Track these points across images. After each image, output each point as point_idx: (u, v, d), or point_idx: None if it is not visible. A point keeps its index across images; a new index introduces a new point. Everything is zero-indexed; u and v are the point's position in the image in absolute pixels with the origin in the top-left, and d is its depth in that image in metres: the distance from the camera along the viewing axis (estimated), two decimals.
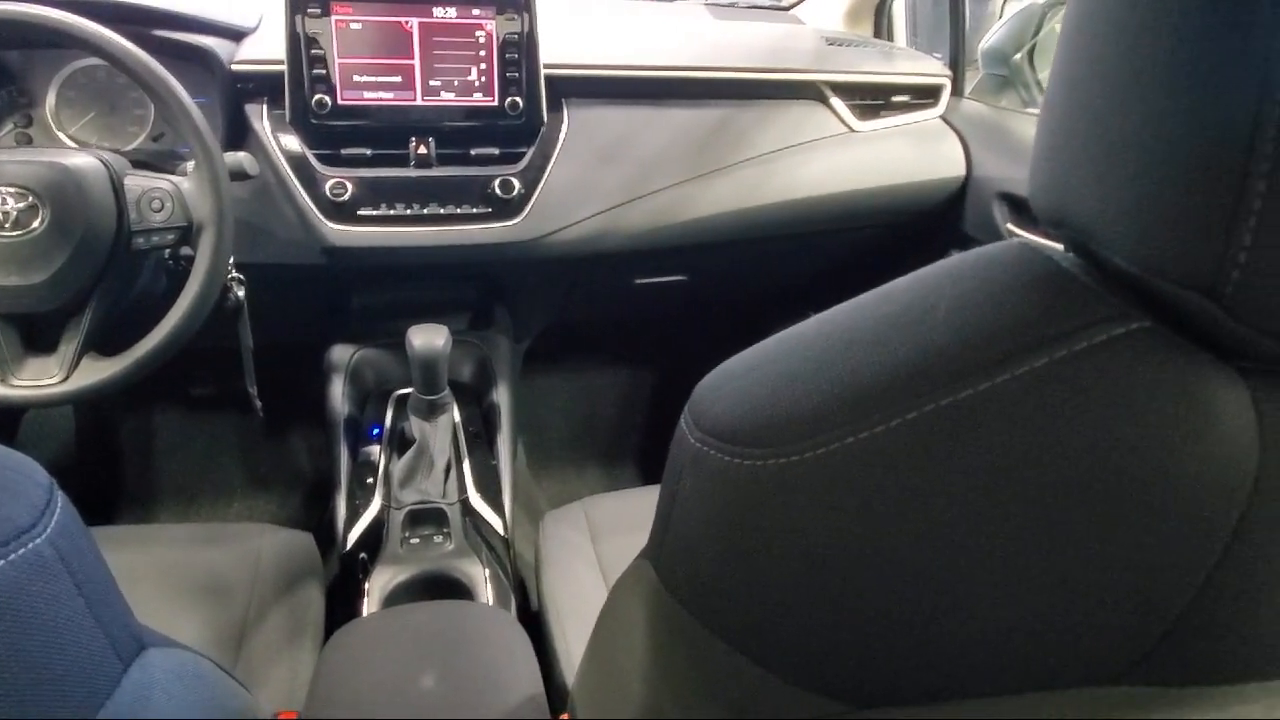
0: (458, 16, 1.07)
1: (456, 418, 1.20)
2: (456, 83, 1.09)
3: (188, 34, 1.07)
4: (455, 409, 1.18)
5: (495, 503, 1.19)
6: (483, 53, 1.09)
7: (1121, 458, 0.29)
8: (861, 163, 1.32)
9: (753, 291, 1.66)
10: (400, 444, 1.19)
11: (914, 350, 0.32)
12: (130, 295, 0.96)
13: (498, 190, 1.12)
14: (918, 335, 0.32)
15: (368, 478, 1.18)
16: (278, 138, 1.08)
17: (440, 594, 1.05)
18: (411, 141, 1.10)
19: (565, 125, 1.17)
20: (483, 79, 1.09)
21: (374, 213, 1.10)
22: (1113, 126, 0.29)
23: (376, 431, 1.24)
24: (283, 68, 1.05)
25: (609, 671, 0.47)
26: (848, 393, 0.33)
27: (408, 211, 1.10)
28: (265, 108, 1.09)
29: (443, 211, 1.11)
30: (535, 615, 1.00)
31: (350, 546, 1.12)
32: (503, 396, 1.34)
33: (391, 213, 1.10)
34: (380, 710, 0.67)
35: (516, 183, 1.12)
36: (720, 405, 0.37)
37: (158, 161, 1.04)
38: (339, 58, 1.05)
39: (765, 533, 0.34)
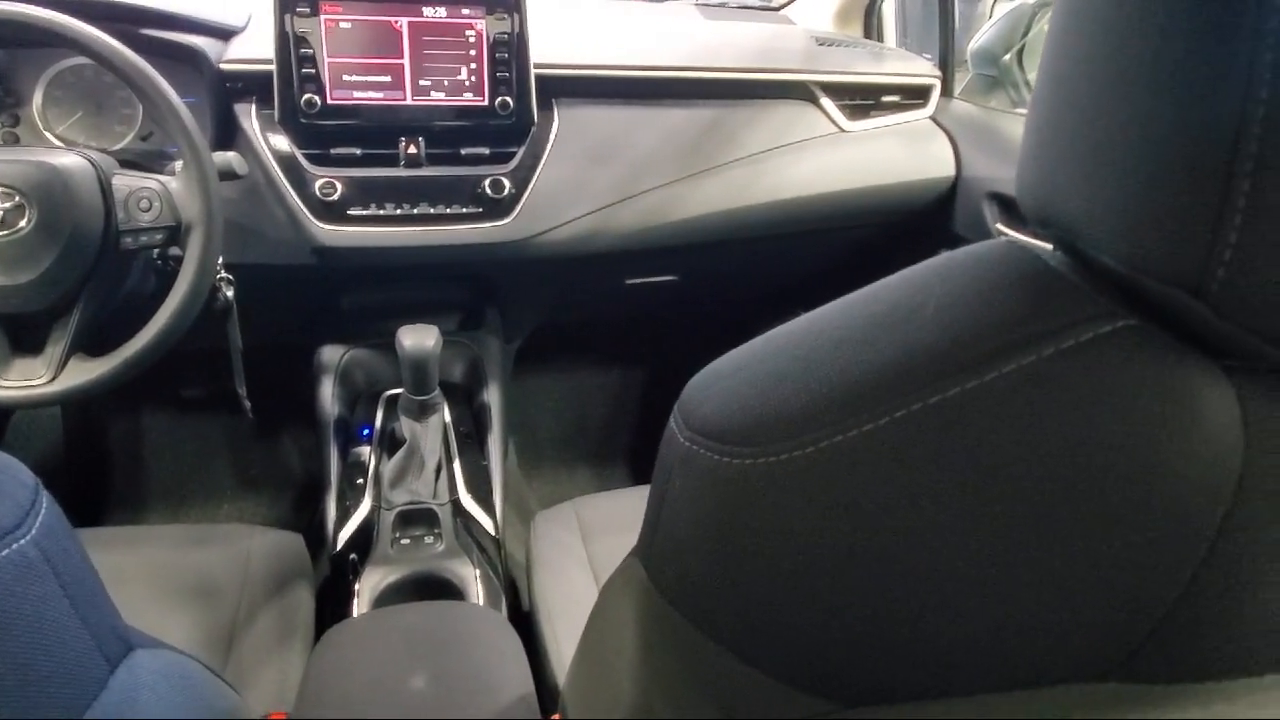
0: (447, 16, 1.07)
1: (447, 418, 1.20)
2: (446, 82, 1.09)
3: (176, 33, 1.06)
4: (446, 409, 1.17)
5: (486, 503, 1.19)
6: (473, 52, 1.09)
7: (1108, 455, 0.29)
8: (851, 163, 1.32)
9: (743, 291, 1.66)
10: (390, 444, 1.18)
11: (902, 349, 0.32)
12: (118, 295, 0.95)
13: (488, 190, 1.12)
14: (906, 334, 0.32)
15: (358, 478, 1.18)
16: (267, 137, 1.08)
17: (431, 595, 1.04)
18: (401, 141, 1.10)
19: (556, 125, 1.17)
20: (473, 78, 1.09)
21: (364, 213, 1.09)
22: (1099, 126, 0.29)
23: (367, 432, 1.24)
24: (272, 67, 1.04)
25: (599, 671, 0.47)
26: (836, 392, 0.33)
27: (398, 211, 1.10)
28: (254, 107, 1.09)
29: (433, 211, 1.11)
30: (526, 616, 1.00)
31: (340, 547, 1.11)
32: (493, 397, 1.34)
33: (381, 213, 1.10)
34: (370, 711, 0.67)
35: (507, 182, 1.12)
36: (709, 404, 0.37)
37: (146, 161, 1.04)
38: (328, 57, 1.05)
39: (754, 532, 0.34)
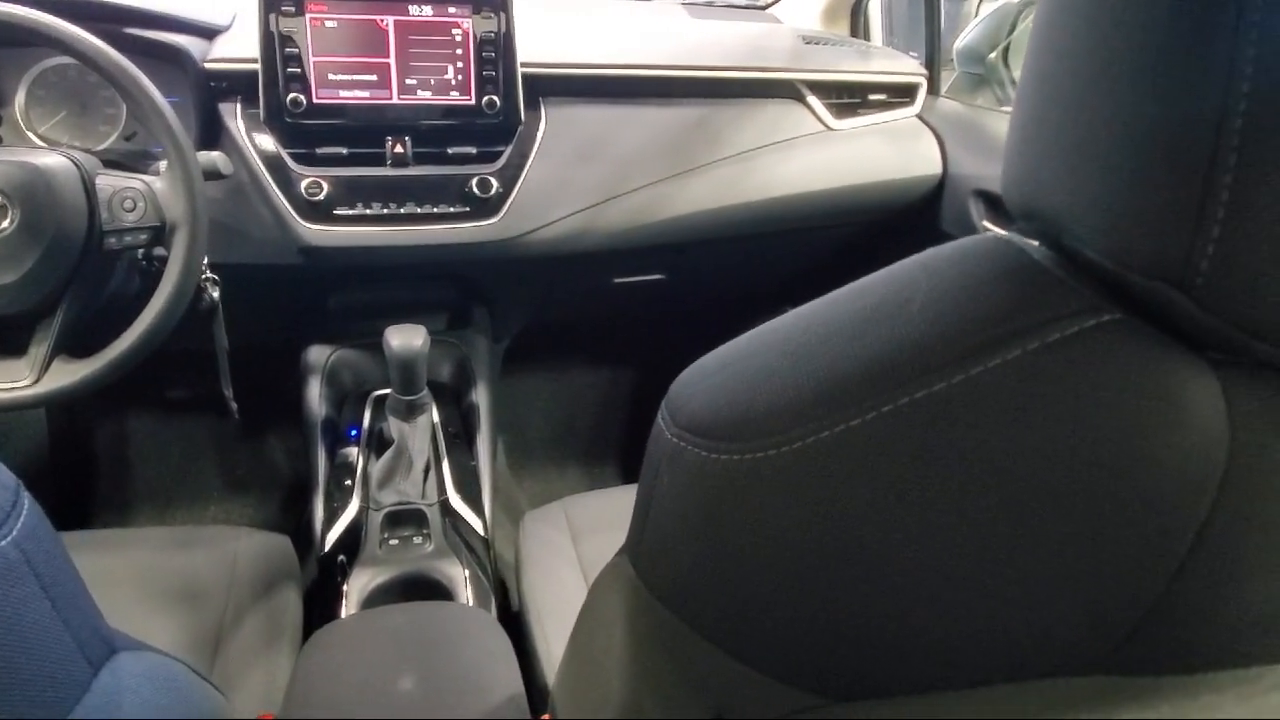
0: (434, 15, 1.07)
1: (435, 418, 1.19)
2: (433, 81, 1.08)
3: (160, 32, 1.05)
4: (434, 409, 1.17)
5: (475, 503, 1.18)
6: (459, 51, 1.08)
7: (1093, 448, 0.29)
8: (839, 161, 1.32)
9: (731, 290, 1.66)
10: (378, 445, 1.18)
11: (889, 344, 0.32)
12: (102, 296, 0.94)
13: (475, 189, 1.11)
14: (893, 329, 0.32)
15: (346, 479, 1.18)
16: (252, 137, 1.07)
17: (420, 595, 1.04)
18: (388, 140, 1.09)
19: (543, 124, 1.17)
20: (459, 78, 1.09)
21: (350, 212, 1.09)
22: (1083, 121, 0.29)
23: (354, 433, 1.24)
24: (257, 66, 1.04)
25: (589, 670, 0.47)
26: (823, 387, 0.33)
27: (384, 211, 1.10)
28: (239, 106, 1.08)
29: (420, 211, 1.11)
30: (516, 616, 0.99)
31: (328, 549, 1.11)
32: (482, 396, 1.34)
33: (368, 212, 1.09)
34: (358, 712, 0.66)
35: (494, 182, 1.12)
36: (697, 400, 0.37)
37: (130, 161, 1.03)
38: (314, 56, 1.04)
39: (742, 527, 0.34)
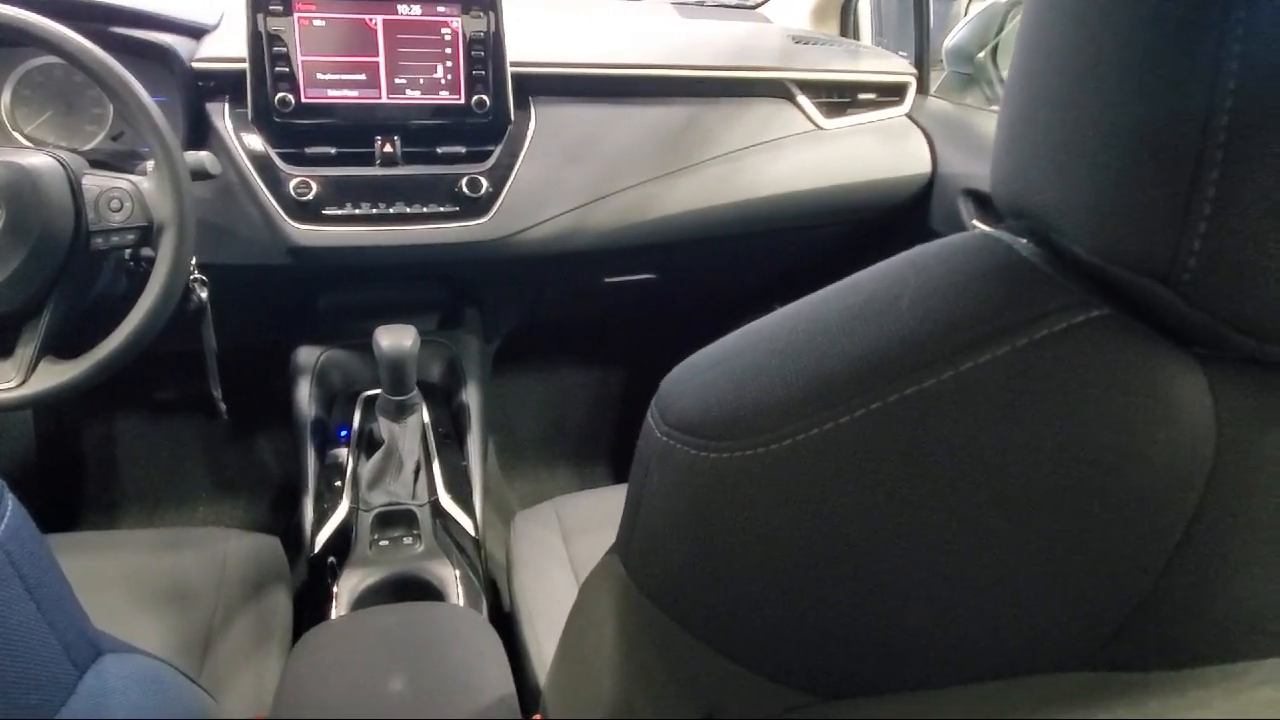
0: (423, 14, 1.06)
1: (426, 418, 1.19)
2: (422, 81, 1.08)
3: (147, 31, 1.05)
4: (424, 410, 1.17)
5: (466, 503, 1.18)
6: (448, 50, 1.08)
7: (1081, 444, 0.29)
8: (829, 160, 1.33)
9: (722, 289, 1.67)
10: (368, 446, 1.17)
11: (878, 340, 0.32)
12: (89, 297, 0.94)
13: (465, 189, 1.11)
14: (882, 325, 0.32)
15: (335, 480, 1.17)
16: (240, 136, 1.07)
17: (411, 596, 1.04)
18: (377, 140, 1.09)
19: (533, 124, 1.17)
20: (449, 77, 1.09)
21: (339, 212, 1.08)
22: (1070, 118, 0.29)
23: (344, 433, 1.23)
24: (245, 65, 1.03)
25: (579, 670, 0.47)
26: (813, 384, 0.33)
27: (374, 211, 1.09)
28: (227, 106, 1.08)
29: (409, 210, 1.10)
30: (507, 616, 0.99)
31: (318, 550, 1.10)
32: (472, 397, 1.33)
33: (357, 212, 1.09)
34: (348, 713, 0.66)
35: (484, 181, 1.12)
36: (686, 399, 0.37)
37: (117, 161, 1.02)
38: (302, 55, 1.04)
39: (732, 525, 0.34)
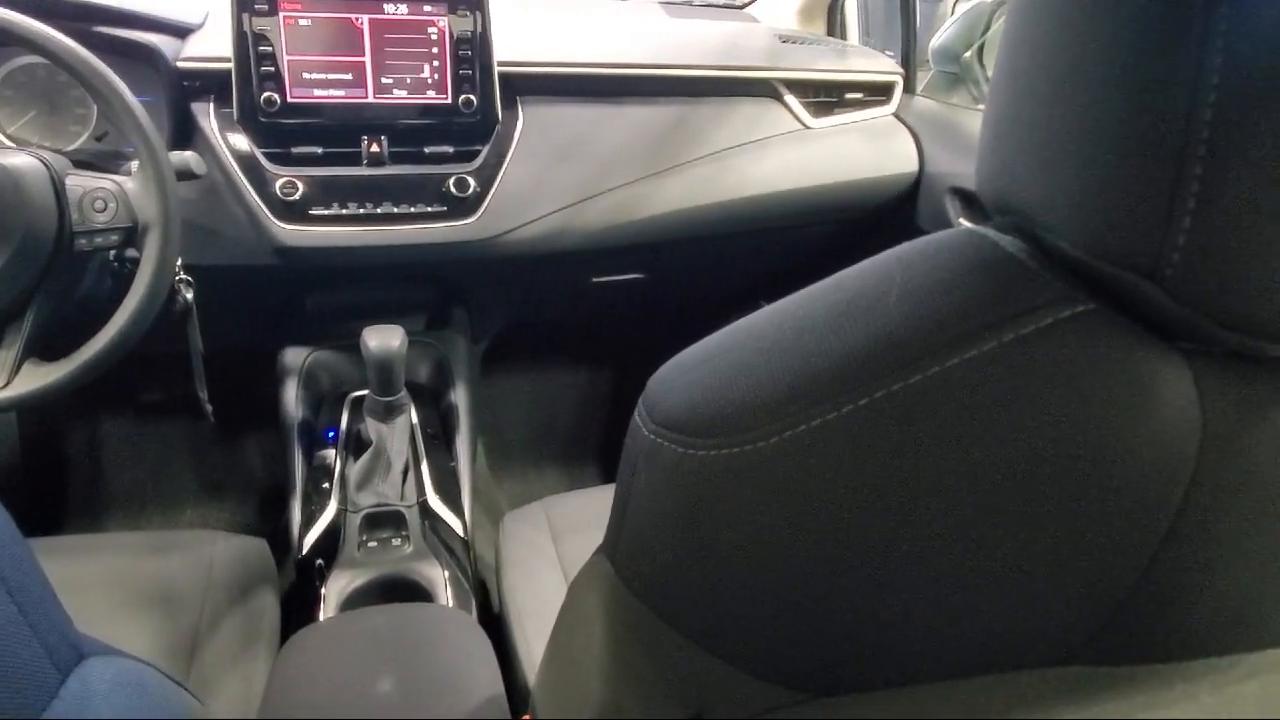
0: (409, 13, 1.06)
1: (414, 419, 1.18)
2: (409, 80, 1.08)
3: (131, 31, 1.04)
4: (412, 410, 1.16)
5: (454, 504, 1.18)
6: (435, 50, 1.08)
7: (1068, 439, 0.29)
8: (816, 159, 1.33)
9: (710, 289, 1.67)
10: (356, 447, 1.17)
11: (865, 337, 0.32)
12: (73, 298, 0.93)
13: (452, 189, 1.11)
14: (869, 322, 0.32)
15: (323, 482, 1.17)
16: (226, 136, 1.06)
17: (399, 598, 1.03)
18: (364, 140, 1.08)
19: (520, 123, 1.17)
20: (436, 76, 1.08)
21: (326, 212, 1.08)
22: (1055, 115, 0.29)
23: (332, 435, 1.23)
24: (230, 65, 1.03)
25: (568, 670, 0.47)
26: (800, 381, 0.33)
27: (361, 211, 1.09)
28: (212, 106, 1.07)
29: (397, 210, 1.10)
30: (496, 617, 0.99)
31: (306, 552, 1.10)
32: (461, 397, 1.33)
33: (344, 212, 1.08)
34: (337, 714, 0.66)
35: (471, 181, 1.11)
36: (674, 397, 0.37)
37: (101, 161, 1.01)
38: (288, 55, 1.03)
39: (720, 523, 0.34)
